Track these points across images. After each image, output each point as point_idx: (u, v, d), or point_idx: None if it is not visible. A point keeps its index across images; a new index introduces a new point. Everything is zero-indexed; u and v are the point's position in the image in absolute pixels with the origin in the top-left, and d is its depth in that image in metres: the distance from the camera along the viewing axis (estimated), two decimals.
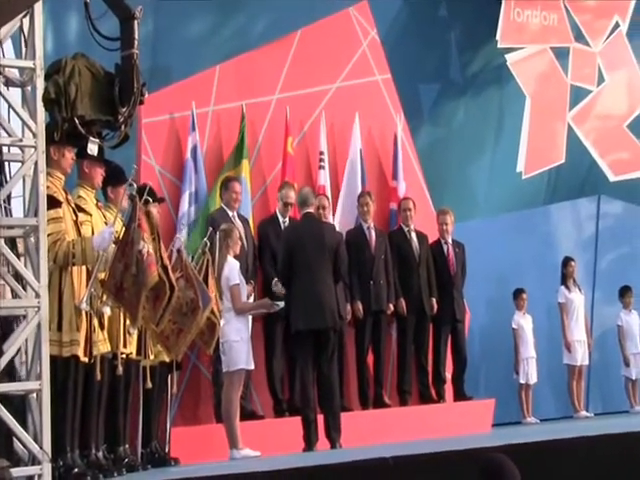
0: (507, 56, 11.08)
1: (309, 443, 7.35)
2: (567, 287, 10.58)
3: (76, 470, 5.55)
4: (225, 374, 7.36)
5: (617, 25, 11.70)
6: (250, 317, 7.67)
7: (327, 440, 7.46)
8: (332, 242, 7.73)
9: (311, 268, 7.57)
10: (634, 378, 10.79)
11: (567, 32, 11.46)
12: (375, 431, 8.23)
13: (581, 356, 10.47)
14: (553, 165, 11.29)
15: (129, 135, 5.62)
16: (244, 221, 8.39)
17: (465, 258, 9.73)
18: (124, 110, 5.42)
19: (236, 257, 7.56)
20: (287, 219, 8.62)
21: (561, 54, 11.44)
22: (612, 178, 11.56)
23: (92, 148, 5.74)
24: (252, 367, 7.48)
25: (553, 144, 11.32)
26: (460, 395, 9.43)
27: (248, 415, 7.95)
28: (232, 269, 7.41)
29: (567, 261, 10.68)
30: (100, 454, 6.03)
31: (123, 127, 5.50)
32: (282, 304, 7.65)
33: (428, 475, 5.39)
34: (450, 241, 9.70)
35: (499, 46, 11.03)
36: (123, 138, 5.63)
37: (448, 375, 9.44)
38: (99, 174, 6.26)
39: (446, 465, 5.58)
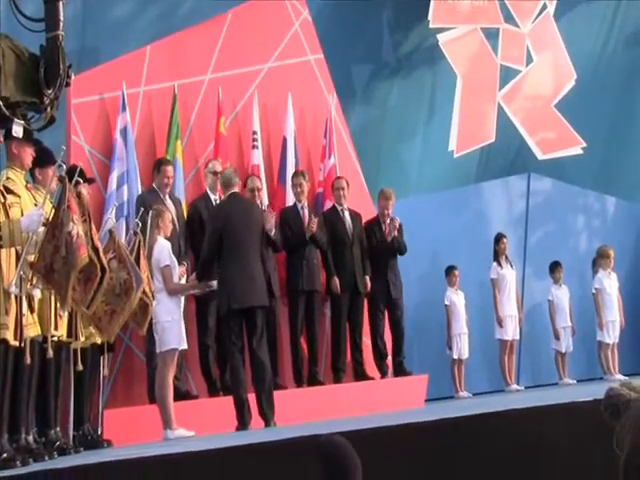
0: (438, 36, 11.17)
1: (243, 423, 7.38)
2: (499, 263, 10.74)
3: (4, 455, 5.49)
4: (158, 354, 7.36)
5: (545, 7, 11.86)
6: (182, 297, 7.67)
7: (261, 419, 7.49)
8: (260, 220, 7.74)
9: (240, 247, 7.54)
10: (564, 351, 11.01)
11: (497, 13, 11.59)
12: (310, 409, 8.30)
13: (512, 331, 10.65)
14: (484, 144, 11.43)
15: (55, 117, 5.55)
16: (176, 202, 8.37)
17: (403, 236, 9.75)
18: (50, 92, 5.34)
19: (167, 239, 7.53)
20: (217, 195, 8.60)
21: (491, 35, 11.57)
22: (540, 156, 11.74)
23: (17, 130, 5.65)
24: (185, 347, 7.49)
25: (484, 123, 11.46)
26: (400, 371, 9.52)
27: (182, 395, 7.97)
28: (162, 250, 7.39)
29: (499, 237, 10.83)
30: (30, 438, 5.98)
31: (49, 109, 5.43)
32: (215, 284, 7.65)
33: (361, 451, 5.46)
34: (387, 221, 9.73)
35: (431, 26, 11.11)
36: (49, 120, 5.55)
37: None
38: (28, 154, 6.18)
39: (380, 441, 5.65)
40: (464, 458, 5.84)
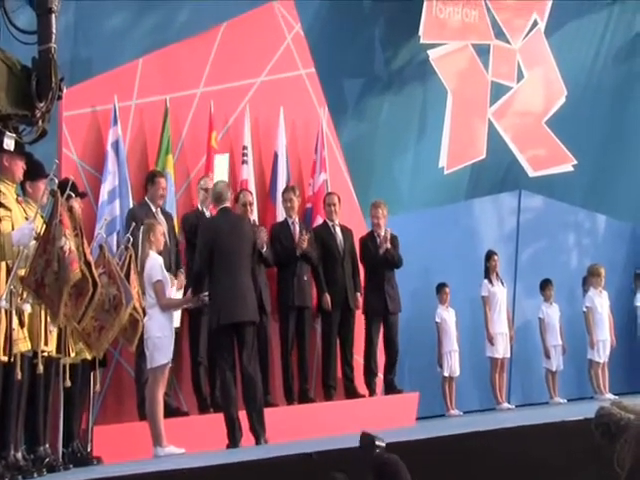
0: (429, 52, 11.18)
1: (233, 440, 7.30)
2: (490, 281, 10.71)
3: None
4: (149, 370, 7.29)
5: (535, 23, 11.89)
6: (175, 312, 7.61)
7: (252, 436, 7.43)
8: (250, 235, 7.67)
9: (230, 262, 7.46)
10: (554, 370, 10.98)
11: (487, 29, 11.61)
12: (300, 426, 8.24)
13: (503, 349, 10.62)
14: (474, 160, 11.42)
15: (47, 130, 5.51)
16: (167, 216, 8.32)
17: (398, 250, 9.74)
18: (41, 105, 5.31)
19: (159, 253, 7.48)
20: (209, 212, 8.56)
21: (482, 51, 11.59)
22: (531, 173, 11.75)
23: (8, 143, 5.61)
24: (169, 360, 7.35)
25: (474, 140, 11.47)
26: (391, 388, 9.48)
27: (172, 412, 7.89)
28: (154, 265, 7.32)
29: (490, 255, 10.81)
30: (19, 455, 5.90)
31: (41, 122, 5.40)
32: (207, 297, 7.59)
33: (351, 469, 5.42)
34: (382, 233, 9.73)
35: (421, 42, 11.12)
36: (41, 133, 5.52)
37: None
38: (20, 167, 6.12)
39: None
40: (455, 477, 5.79)
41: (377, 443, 3.50)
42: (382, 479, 3.33)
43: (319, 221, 9.54)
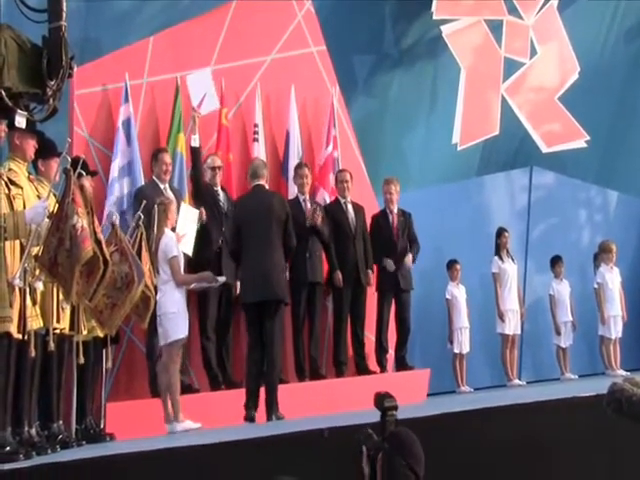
0: (442, 27, 11.12)
1: (248, 415, 7.41)
2: (500, 257, 10.70)
3: (8, 449, 5.47)
4: (164, 346, 7.34)
5: None
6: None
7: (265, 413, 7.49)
8: (281, 214, 7.72)
9: (259, 241, 7.58)
10: (564, 346, 10.98)
11: (500, 5, 11.54)
12: (311, 403, 8.27)
13: (514, 325, 10.62)
14: (488, 136, 11.38)
15: (58, 109, 5.52)
16: (176, 193, 8.33)
17: (412, 226, 9.76)
18: (52, 83, 5.32)
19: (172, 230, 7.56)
20: (219, 188, 8.56)
21: (495, 27, 11.52)
22: (544, 149, 11.70)
23: (20, 121, 5.62)
24: (185, 335, 7.43)
25: (487, 116, 11.42)
26: (402, 365, 9.50)
27: (184, 389, 7.93)
28: (170, 241, 7.41)
29: (501, 232, 10.80)
30: (33, 431, 5.97)
31: (51, 100, 5.40)
32: (223, 279, 7.71)
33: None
34: (395, 210, 9.73)
35: (434, 18, 11.06)
36: (52, 112, 5.52)
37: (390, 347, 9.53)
38: (31, 146, 6.13)
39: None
40: (465, 453, 5.83)
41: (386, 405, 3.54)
42: (396, 451, 3.36)
43: (322, 194, 9.51)
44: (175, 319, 7.27)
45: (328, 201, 9.49)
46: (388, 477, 3.35)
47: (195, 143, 8.41)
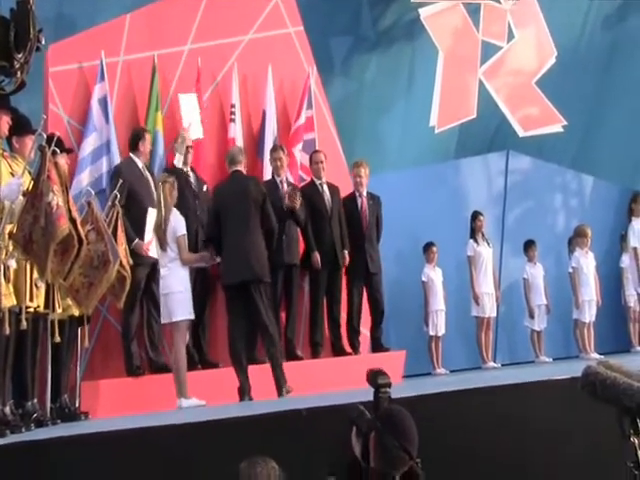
0: (420, 10, 11.10)
1: (242, 395, 7.53)
2: (476, 240, 10.73)
3: None
4: (171, 325, 7.42)
5: None
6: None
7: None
8: (257, 196, 7.82)
9: (237, 224, 7.67)
10: (539, 329, 11.03)
11: None
12: (288, 383, 8.26)
13: (489, 308, 10.66)
14: (465, 120, 11.38)
15: (26, 82, 5.46)
16: (152, 173, 8.29)
17: (380, 210, 9.78)
18: (20, 56, 5.26)
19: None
20: (189, 168, 8.50)
21: (473, 10, 11.50)
22: (521, 134, 11.72)
23: None
24: (193, 317, 7.55)
25: (465, 99, 11.41)
26: (378, 347, 9.51)
27: (160, 368, 7.92)
28: (179, 220, 7.52)
29: (475, 215, 10.82)
30: (7, 409, 5.93)
31: (19, 74, 5.34)
32: (218, 259, 7.84)
33: (341, 426, 5.46)
34: (364, 194, 9.73)
35: (412, 0, 11.03)
36: (19, 85, 5.46)
37: (364, 329, 9.52)
38: (5, 122, 6.07)
39: None
40: (442, 434, 5.84)
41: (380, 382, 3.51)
42: (388, 429, 3.34)
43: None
44: (183, 298, 7.39)
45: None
46: (380, 457, 3.32)
47: (178, 164, 8.33)
